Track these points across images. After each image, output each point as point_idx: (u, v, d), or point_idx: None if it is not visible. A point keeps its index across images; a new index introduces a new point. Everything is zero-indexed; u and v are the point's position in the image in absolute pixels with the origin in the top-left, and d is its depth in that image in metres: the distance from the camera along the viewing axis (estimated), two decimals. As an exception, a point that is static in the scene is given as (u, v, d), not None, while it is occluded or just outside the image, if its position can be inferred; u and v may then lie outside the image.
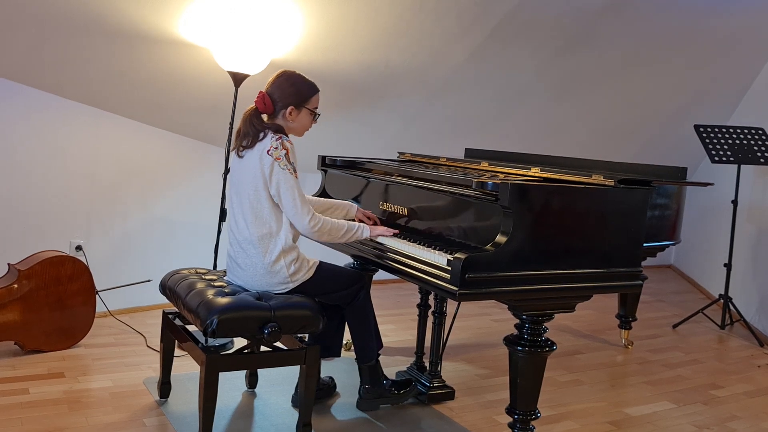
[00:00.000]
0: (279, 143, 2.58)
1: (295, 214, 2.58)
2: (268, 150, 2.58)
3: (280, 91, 2.69)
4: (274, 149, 2.57)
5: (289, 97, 2.69)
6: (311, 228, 2.59)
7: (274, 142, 2.58)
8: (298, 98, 2.70)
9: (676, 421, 3.14)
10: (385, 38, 3.85)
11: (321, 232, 2.61)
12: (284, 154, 2.57)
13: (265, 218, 2.61)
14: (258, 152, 2.60)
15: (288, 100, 2.68)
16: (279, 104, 2.69)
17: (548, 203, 2.37)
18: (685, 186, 3.80)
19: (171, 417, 2.78)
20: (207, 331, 2.42)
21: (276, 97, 2.68)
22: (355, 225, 2.72)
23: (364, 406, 2.92)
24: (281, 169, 2.56)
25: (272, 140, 2.59)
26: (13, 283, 3.28)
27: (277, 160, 2.56)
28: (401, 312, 4.60)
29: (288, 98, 2.68)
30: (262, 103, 2.68)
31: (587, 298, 2.55)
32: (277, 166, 2.56)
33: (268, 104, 2.68)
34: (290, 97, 2.69)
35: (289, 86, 2.70)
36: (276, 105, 2.69)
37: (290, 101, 2.69)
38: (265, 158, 2.57)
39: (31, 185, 3.76)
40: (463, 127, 4.95)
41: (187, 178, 4.29)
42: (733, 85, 5.52)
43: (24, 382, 3.02)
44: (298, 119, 2.72)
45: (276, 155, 2.57)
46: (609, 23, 4.38)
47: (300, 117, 2.72)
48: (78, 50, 3.41)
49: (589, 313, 4.95)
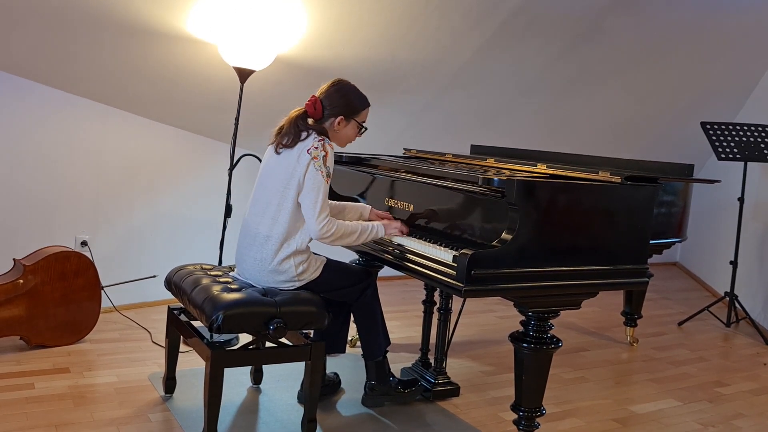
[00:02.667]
0: (320, 144, 2.58)
1: (312, 215, 2.55)
2: (308, 149, 2.57)
3: (332, 100, 2.69)
4: (314, 149, 2.57)
5: (340, 107, 2.69)
6: (322, 233, 2.56)
7: (316, 143, 2.58)
8: (349, 110, 2.71)
9: (682, 419, 3.13)
10: (391, 34, 3.84)
11: (332, 238, 2.59)
12: (323, 156, 2.57)
13: (286, 217, 2.60)
14: (297, 151, 2.59)
15: (338, 110, 2.69)
16: (328, 111, 2.69)
17: (555, 200, 2.37)
18: (691, 183, 3.79)
19: (176, 412, 2.78)
20: (212, 327, 2.42)
21: (327, 104, 2.68)
22: (369, 226, 2.70)
23: (370, 403, 2.92)
24: (315, 169, 2.55)
25: (314, 140, 2.59)
26: (19, 278, 3.29)
27: (314, 160, 2.55)
28: (406, 308, 4.60)
29: (339, 108, 2.69)
30: (313, 107, 2.68)
31: (593, 295, 2.54)
32: (313, 165, 2.55)
33: (318, 110, 2.68)
34: (341, 108, 2.69)
35: (341, 97, 2.70)
36: (325, 112, 2.69)
37: (341, 111, 2.69)
38: (303, 156, 2.57)
39: (37, 181, 3.77)
40: (469, 124, 4.94)
41: (192, 174, 4.29)
42: (740, 83, 5.50)
43: (29, 377, 3.03)
44: (345, 130, 2.73)
45: (314, 155, 2.56)
46: (616, 20, 4.36)
47: (347, 128, 2.73)
48: (85, 46, 3.41)
49: (595, 310, 4.94)
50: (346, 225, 2.63)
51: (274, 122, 2.78)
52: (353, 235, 2.64)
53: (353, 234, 2.64)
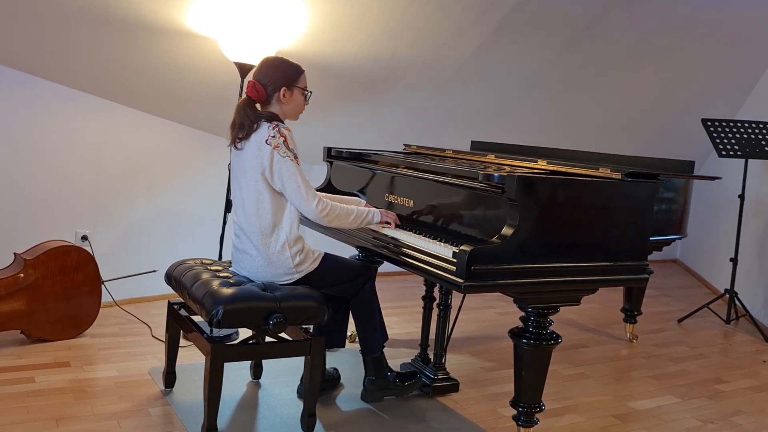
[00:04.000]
0: (276, 131, 2.56)
1: (301, 200, 2.56)
2: (267, 139, 2.56)
3: (268, 76, 2.67)
4: (272, 138, 2.55)
5: (279, 80, 2.67)
6: (319, 212, 2.57)
7: (271, 131, 2.57)
8: (288, 79, 2.69)
9: (681, 416, 3.13)
10: (392, 30, 3.83)
11: (330, 216, 2.60)
12: (282, 141, 2.55)
13: (267, 209, 2.60)
14: (255, 143, 2.58)
15: (279, 83, 2.67)
16: (270, 88, 2.67)
17: (555, 196, 2.37)
18: (692, 180, 3.79)
19: (176, 407, 2.79)
20: (212, 322, 2.42)
21: (266, 82, 2.66)
22: (365, 210, 2.73)
23: (369, 398, 2.92)
24: (281, 156, 2.54)
25: (269, 129, 2.57)
26: (20, 273, 3.29)
27: (276, 149, 2.54)
28: (406, 304, 4.60)
29: (278, 81, 2.67)
30: (254, 90, 2.66)
31: (593, 292, 2.54)
32: (277, 154, 2.54)
33: (260, 91, 2.66)
34: (280, 80, 2.67)
35: (275, 70, 2.68)
36: (267, 90, 2.67)
37: (281, 83, 2.67)
38: (263, 148, 2.56)
39: (38, 175, 3.77)
40: (470, 120, 4.94)
41: (193, 168, 4.29)
42: (741, 79, 5.49)
43: (30, 371, 3.03)
44: (293, 100, 2.71)
45: (274, 143, 2.55)
46: (616, 16, 4.35)
47: (294, 97, 2.71)
48: (85, 41, 3.41)
49: (594, 306, 4.94)
50: (341, 206, 2.66)
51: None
52: (350, 216, 2.67)
53: (350, 215, 2.67)
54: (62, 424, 2.57)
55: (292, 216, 2.62)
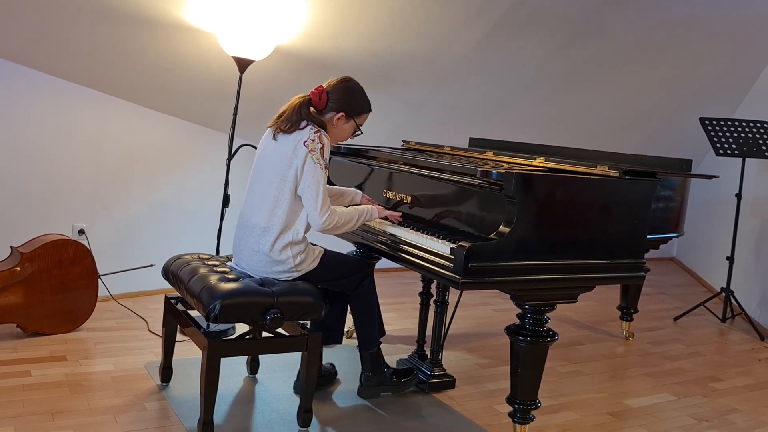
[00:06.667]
0: (317, 136, 2.58)
1: (314, 209, 2.57)
2: (305, 141, 2.57)
3: (338, 95, 2.70)
4: (311, 141, 2.57)
5: (346, 104, 2.70)
6: (324, 226, 2.59)
7: (312, 135, 2.58)
8: (352, 109, 2.72)
9: (676, 413, 3.14)
10: (391, 26, 3.83)
11: (333, 228, 2.62)
12: (320, 148, 2.57)
13: (284, 208, 2.60)
14: (294, 141, 2.60)
15: (342, 106, 2.70)
16: (333, 105, 2.70)
17: (553, 193, 2.37)
18: (689, 178, 3.79)
19: (172, 401, 2.79)
20: (209, 317, 2.43)
21: (333, 97, 2.69)
22: (365, 209, 2.74)
23: (365, 394, 2.93)
24: (314, 162, 2.56)
25: (311, 132, 2.59)
26: (16, 266, 3.29)
27: (312, 153, 2.56)
28: (403, 300, 4.61)
29: (344, 104, 2.70)
30: (318, 97, 2.68)
31: (590, 289, 2.55)
32: (311, 158, 2.56)
33: (323, 100, 2.69)
34: (346, 105, 2.70)
35: (348, 94, 2.72)
36: (330, 104, 2.70)
37: (344, 108, 2.70)
38: (300, 148, 2.57)
39: (35, 169, 3.76)
40: (468, 117, 4.94)
41: (191, 163, 4.29)
42: (739, 78, 5.49)
43: (26, 364, 3.03)
44: (342, 128, 2.74)
45: (311, 147, 2.56)
46: (615, 14, 4.35)
47: (345, 126, 2.75)
48: (84, 34, 3.40)
49: (591, 304, 4.95)
50: (344, 213, 2.66)
51: (272, 113, 2.78)
52: (351, 222, 2.68)
53: (351, 221, 2.68)
54: (58, 418, 2.57)
55: (303, 220, 2.63)
